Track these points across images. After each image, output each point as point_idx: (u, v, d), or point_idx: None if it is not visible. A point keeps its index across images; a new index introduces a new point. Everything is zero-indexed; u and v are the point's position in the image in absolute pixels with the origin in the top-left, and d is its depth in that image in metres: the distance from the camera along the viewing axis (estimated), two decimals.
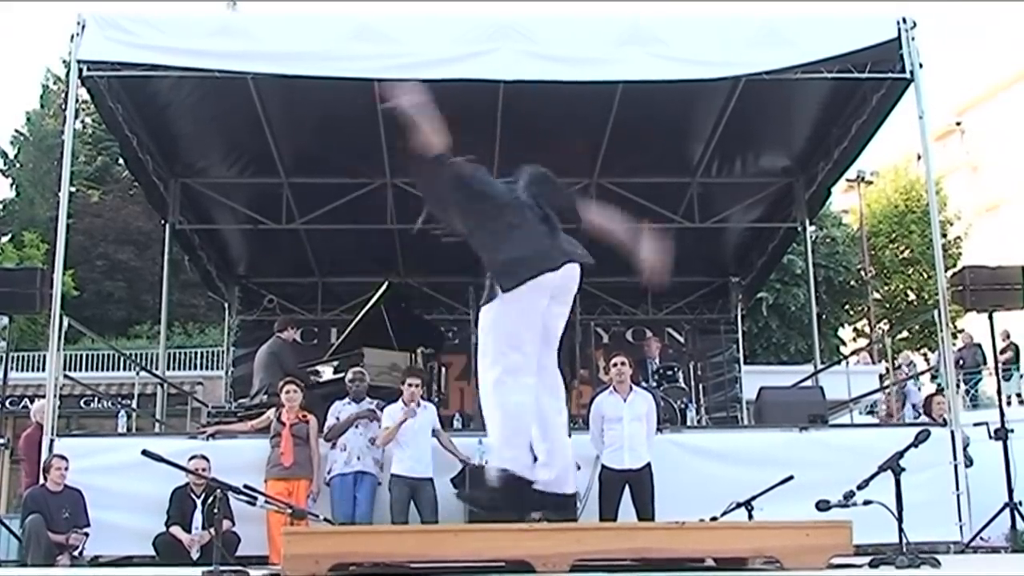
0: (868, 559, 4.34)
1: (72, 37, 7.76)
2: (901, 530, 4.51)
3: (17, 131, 30.69)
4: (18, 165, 30.43)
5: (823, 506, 4.74)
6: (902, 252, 27.74)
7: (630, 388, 7.20)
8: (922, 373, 18.11)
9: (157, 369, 12.00)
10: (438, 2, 12.05)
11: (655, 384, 9.76)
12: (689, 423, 9.32)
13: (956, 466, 7.55)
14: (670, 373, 10.16)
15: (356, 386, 7.74)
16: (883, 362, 18.54)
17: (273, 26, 8.13)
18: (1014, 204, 33.00)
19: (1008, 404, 11.69)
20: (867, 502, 4.58)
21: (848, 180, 22.06)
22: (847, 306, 26.62)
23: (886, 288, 27.67)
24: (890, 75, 8.18)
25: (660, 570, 3.61)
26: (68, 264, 9.92)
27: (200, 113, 9.55)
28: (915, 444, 4.86)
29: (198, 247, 11.93)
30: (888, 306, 27.70)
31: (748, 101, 9.12)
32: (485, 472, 4.13)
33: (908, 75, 8.03)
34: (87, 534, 7.11)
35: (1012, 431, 8.02)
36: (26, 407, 11.58)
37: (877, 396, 16.49)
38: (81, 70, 7.89)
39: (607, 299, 12.81)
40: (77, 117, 21.08)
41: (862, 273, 25.33)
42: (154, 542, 7.03)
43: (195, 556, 6.92)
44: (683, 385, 10.19)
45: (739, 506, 6.07)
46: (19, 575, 6.81)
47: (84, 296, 24.08)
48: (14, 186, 30.20)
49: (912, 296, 27.46)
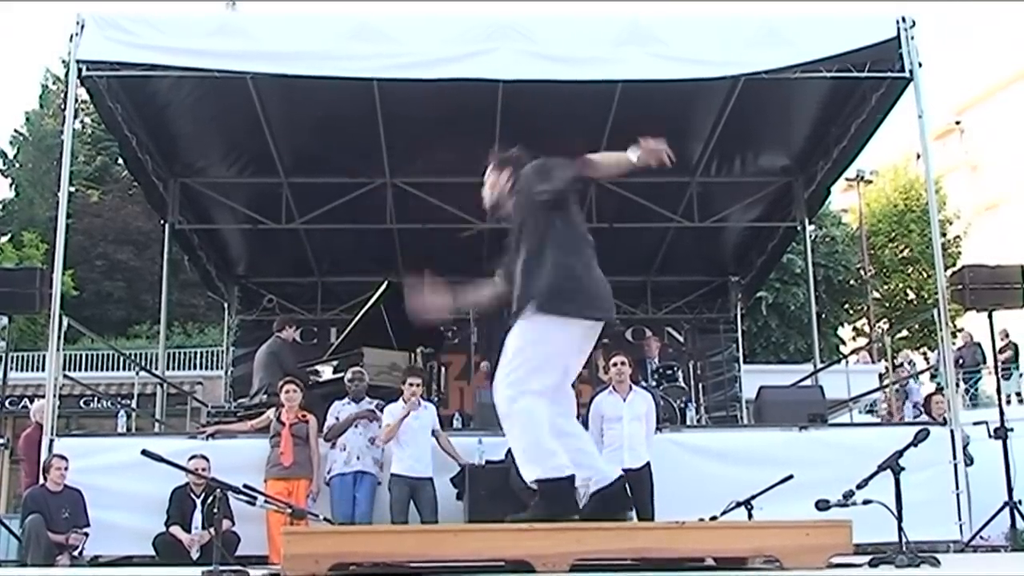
0: (868, 558, 4.33)
1: (71, 37, 7.77)
2: (901, 529, 4.50)
3: (16, 131, 30.70)
4: (17, 165, 30.40)
5: (823, 505, 4.73)
6: (901, 251, 27.74)
7: (629, 388, 7.20)
8: (922, 372, 18.10)
9: (157, 369, 12.00)
10: (437, 1, 12.05)
11: (654, 383, 9.75)
12: (689, 422, 9.30)
13: (956, 465, 7.55)
14: (669, 372, 10.16)
15: (355, 386, 7.74)
16: (882, 361, 18.53)
17: (272, 26, 8.14)
18: (1013, 203, 33.02)
19: (1008, 403, 11.67)
20: (867, 501, 4.57)
21: (847, 179, 22.03)
22: (846, 305, 26.62)
23: (885, 287, 27.67)
24: (889, 74, 8.19)
25: (660, 570, 3.61)
26: (67, 264, 9.91)
27: (199, 113, 9.55)
28: (914, 443, 4.85)
29: (197, 247, 11.93)
30: (887, 305, 27.70)
31: (747, 100, 9.13)
32: (527, 492, 4.21)
33: (907, 74, 8.03)
34: (87, 534, 7.11)
35: (1012, 430, 8.02)
36: (26, 407, 11.60)
37: (877, 395, 16.49)
38: (80, 70, 7.90)
39: None
40: (76, 117, 21.14)
41: (861, 272, 25.32)
42: (154, 542, 7.03)
43: (195, 556, 6.92)
44: (682, 384, 10.19)
45: (739, 505, 6.07)
46: (19, 575, 6.80)
47: (83, 296, 24.06)
48: (13, 186, 30.18)
49: (911, 295, 27.46)
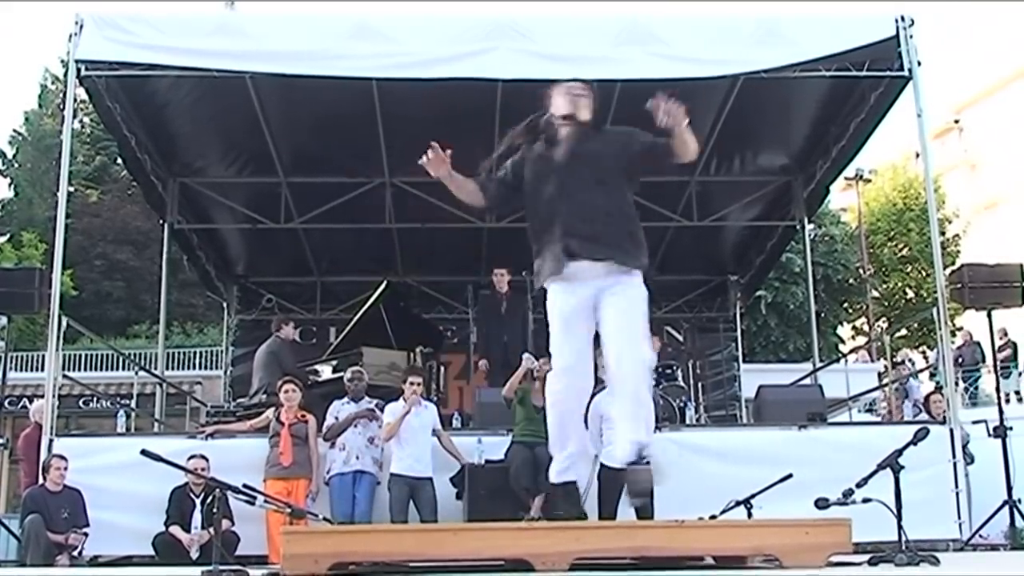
0: (867, 557, 4.33)
1: (70, 37, 7.76)
2: (900, 528, 4.50)
3: (15, 131, 30.66)
4: (16, 165, 30.37)
5: (822, 504, 4.73)
6: (901, 250, 27.72)
7: None
8: (921, 371, 18.11)
9: (156, 369, 11.98)
10: (436, 1, 12.04)
11: (654, 383, 9.73)
12: (688, 421, 9.29)
13: (955, 464, 7.55)
14: (669, 372, 10.15)
15: (355, 385, 7.73)
16: (882, 360, 18.54)
17: (271, 25, 8.13)
18: (1012, 202, 33.02)
19: (1007, 402, 11.66)
20: (866, 500, 4.57)
21: (846, 178, 22.01)
22: (846, 304, 26.62)
23: (885, 286, 27.66)
24: (888, 73, 8.19)
25: (659, 568, 3.61)
26: (67, 264, 9.92)
27: (198, 112, 9.54)
28: (914, 442, 4.85)
29: (197, 247, 11.93)
30: (887, 304, 27.69)
31: (747, 100, 9.13)
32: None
33: (906, 73, 8.03)
34: (86, 534, 7.10)
35: (1011, 429, 8.02)
36: (25, 407, 11.58)
37: (876, 394, 16.49)
38: (79, 70, 7.89)
39: None
40: (75, 117, 21.06)
41: (861, 271, 25.31)
42: (153, 542, 7.02)
43: (194, 556, 6.91)
44: (682, 383, 10.19)
45: (738, 504, 6.06)
46: (19, 575, 6.80)
47: (83, 296, 24.02)
48: (12, 186, 30.15)
49: (911, 294, 27.45)
